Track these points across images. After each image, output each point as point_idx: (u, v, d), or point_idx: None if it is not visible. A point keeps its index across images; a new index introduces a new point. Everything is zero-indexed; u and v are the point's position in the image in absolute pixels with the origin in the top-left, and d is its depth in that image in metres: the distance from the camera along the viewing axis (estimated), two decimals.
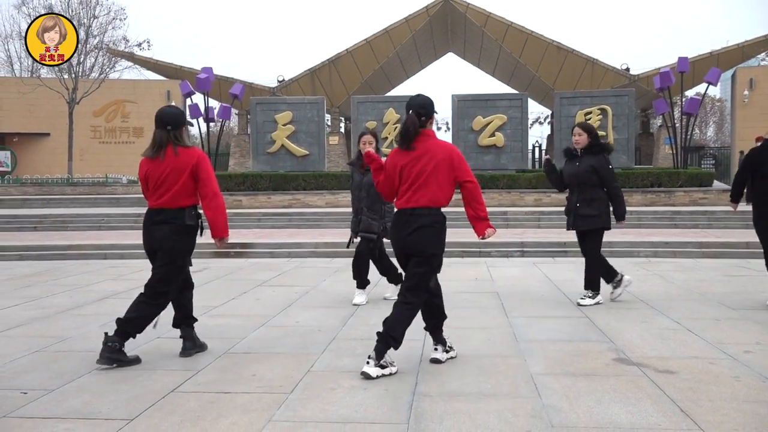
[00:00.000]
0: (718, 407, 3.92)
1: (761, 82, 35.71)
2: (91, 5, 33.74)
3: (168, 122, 5.10)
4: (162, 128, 5.10)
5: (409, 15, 37.14)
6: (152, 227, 5.16)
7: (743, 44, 35.19)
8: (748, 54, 35.98)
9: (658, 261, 11.18)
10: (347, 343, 5.59)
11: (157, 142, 5.11)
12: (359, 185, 7.41)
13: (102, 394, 4.29)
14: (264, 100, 26.04)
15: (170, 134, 5.09)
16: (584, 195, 7.15)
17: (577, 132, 7.24)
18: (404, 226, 4.80)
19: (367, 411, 3.93)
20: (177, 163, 5.04)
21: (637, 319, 6.38)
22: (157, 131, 5.13)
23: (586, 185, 7.13)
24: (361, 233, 7.40)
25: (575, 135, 7.24)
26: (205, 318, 6.70)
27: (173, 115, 5.17)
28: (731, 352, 5.18)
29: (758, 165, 6.98)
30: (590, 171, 7.07)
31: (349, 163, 7.66)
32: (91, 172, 34.65)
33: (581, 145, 7.18)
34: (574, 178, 7.19)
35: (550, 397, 4.13)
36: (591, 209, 7.10)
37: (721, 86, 61.30)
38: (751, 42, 34.97)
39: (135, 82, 38.29)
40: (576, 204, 7.19)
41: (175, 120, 5.13)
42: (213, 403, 4.10)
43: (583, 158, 7.15)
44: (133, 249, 12.98)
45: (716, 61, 32.88)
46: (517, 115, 22.54)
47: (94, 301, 7.82)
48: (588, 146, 7.16)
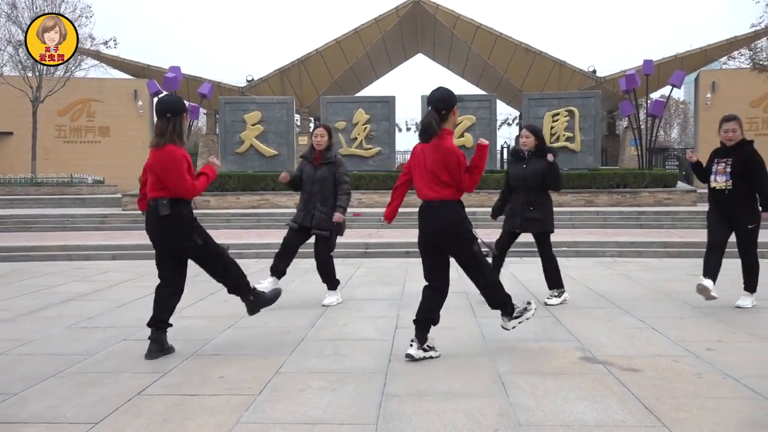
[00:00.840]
0: (681, 404, 3.99)
1: (723, 85, 36.43)
2: (57, 3, 33.17)
3: (167, 110, 5.14)
4: (162, 117, 5.15)
5: (379, 16, 37.23)
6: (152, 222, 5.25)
7: (706, 48, 35.87)
8: (710, 57, 36.67)
9: (623, 261, 11.34)
10: (316, 344, 5.58)
11: (159, 131, 5.15)
12: (312, 179, 7.32)
13: (66, 398, 4.23)
14: (233, 99, 25.87)
15: (170, 122, 5.13)
16: (530, 198, 7.20)
17: (525, 134, 7.28)
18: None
19: (336, 412, 3.92)
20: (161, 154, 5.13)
21: (603, 318, 6.46)
22: (158, 121, 5.19)
23: (533, 188, 7.19)
24: (314, 231, 7.33)
25: (523, 137, 7.29)
26: (172, 319, 6.63)
27: (172, 103, 5.23)
28: (694, 350, 5.28)
29: (709, 163, 7.17)
30: (537, 174, 7.13)
31: (302, 156, 7.58)
32: (56, 171, 34.09)
33: (528, 147, 7.23)
34: (521, 181, 7.23)
35: (518, 396, 4.16)
36: (537, 213, 7.19)
37: (685, 89, 62.20)
38: (714, 46, 35.66)
39: (101, 81, 37.75)
40: (522, 206, 7.24)
41: (174, 107, 5.18)
42: (180, 405, 4.06)
43: (531, 161, 7.21)
44: (99, 250, 12.84)
45: (680, 64, 33.50)
46: (485, 116, 22.71)
47: (58, 303, 7.70)
48: (535, 149, 7.22)
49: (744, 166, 6.90)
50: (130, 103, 38.08)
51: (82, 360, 5.14)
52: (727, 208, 7.01)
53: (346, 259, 12.01)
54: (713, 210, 7.16)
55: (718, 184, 7.02)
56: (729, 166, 6.94)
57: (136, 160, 36.91)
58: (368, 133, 23.02)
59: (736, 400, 4.05)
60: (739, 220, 6.98)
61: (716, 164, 7.05)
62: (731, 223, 7.04)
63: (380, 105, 23.33)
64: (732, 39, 34.62)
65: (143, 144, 37.90)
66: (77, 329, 6.27)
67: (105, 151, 37.47)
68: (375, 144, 23.10)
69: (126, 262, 11.97)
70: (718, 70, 38.95)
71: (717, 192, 7.05)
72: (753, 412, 3.84)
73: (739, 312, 6.82)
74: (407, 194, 5.51)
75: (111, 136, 37.92)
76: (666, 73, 29.78)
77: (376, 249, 12.70)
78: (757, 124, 35.40)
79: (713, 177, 7.06)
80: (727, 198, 6.97)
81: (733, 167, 6.91)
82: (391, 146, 23.41)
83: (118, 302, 7.68)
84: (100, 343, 5.69)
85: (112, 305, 7.49)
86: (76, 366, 4.98)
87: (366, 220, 17.60)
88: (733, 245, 7.10)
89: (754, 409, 3.89)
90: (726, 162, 6.98)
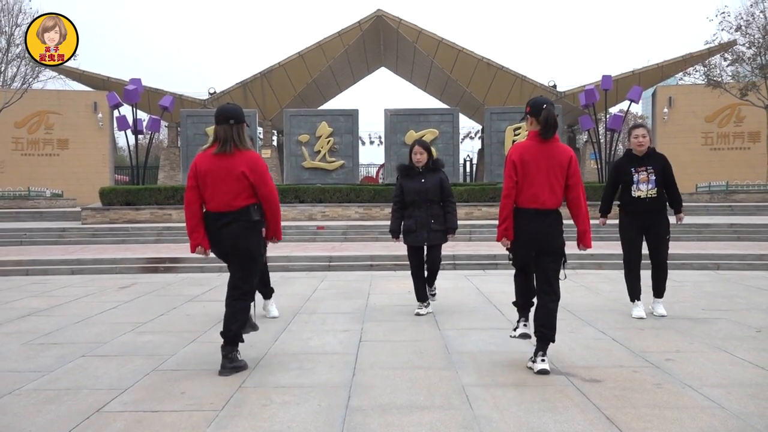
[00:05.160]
0: (642, 414, 4.05)
1: (679, 100, 37.26)
2: (14, 13, 32.65)
3: (231, 117, 5.11)
4: (225, 123, 5.09)
5: (342, 29, 37.32)
6: (221, 229, 5.13)
7: (662, 64, 36.67)
8: (667, 73, 37.48)
9: (584, 273, 11.48)
10: (279, 359, 5.54)
11: (221, 137, 5.09)
12: None
13: (24, 416, 4.13)
14: (195, 112, 25.68)
15: (233, 129, 5.08)
16: (432, 211, 7.35)
17: (419, 151, 7.41)
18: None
19: (300, 427, 3.90)
20: (234, 161, 5.06)
21: (564, 330, 6.52)
22: (220, 127, 5.11)
23: (434, 201, 7.37)
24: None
25: (417, 153, 7.40)
26: (132, 335, 6.55)
27: (235, 111, 5.19)
28: (654, 360, 5.37)
29: (622, 175, 7.35)
30: (438, 187, 7.34)
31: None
32: (12, 185, 33.38)
33: (423, 163, 7.40)
34: (423, 194, 7.31)
35: (482, 408, 4.18)
36: (439, 224, 7.37)
37: (643, 104, 63.53)
38: (670, 62, 36.47)
39: (60, 93, 37.13)
40: (427, 220, 7.32)
41: (237, 115, 5.15)
42: (140, 422, 4.00)
43: (427, 175, 7.38)
44: (58, 264, 12.59)
45: (638, 80, 34.23)
46: (448, 130, 22.88)
47: (15, 319, 7.52)
48: (428, 164, 7.41)
49: (663, 172, 7.18)
50: (89, 115, 37.50)
51: (40, 377, 5.03)
52: (646, 218, 7.24)
53: (310, 273, 11.98)
54: (630, 223, 7.34)
55: (642, 193, 7.19)
56: (653, 174, 7.16)
57: (96, 173, 36.44)
58: (332, 146, 23.03)
59: (695, 410, 4.12)
60: (659, 228, 7.28)
61: (636, 174, 7.21)
62: (647, 233, 7.31)
63: (343, 118, 23.37)
64: (687, 56, 35.45)
65: (103, 157, 37.43)
66: (34, 345, 6.13)
67: (64, 164, 36.83)
68: (338, 157, 23.11)
69: (85, 276, 11.76)
70: (675, 85, 39.82)
71: (639, 201, 7.21)
72: (711, 422, 3.92)
73: (696, 322, 6.96)
74: (367, 206, 5.57)
75: (70, 148, 37.27)
76: (624, 88, 30.40)
77: (339, 262, 12.68)
78: (711, 138, 36.23)
79: (635, 186, 7.21)
80: (649, 206, 7.19)
81: (657, 175, 7.16)
82: (355, 159, 23.44)
83: (77, 317, 7.53)
84: (59, 359, 5.57)
85: (70, 321, 7.34)
86: (33, 383, 4.87)
87: (329, 234, 17.56)
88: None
89: (712, 419, 3.97)
90: (647, 170, 7.18)
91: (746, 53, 30.86)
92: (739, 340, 6.10)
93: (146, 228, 18.54)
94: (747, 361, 5.33)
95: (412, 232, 7.38)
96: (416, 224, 7.34)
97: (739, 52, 31.14)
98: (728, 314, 7.43)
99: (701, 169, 34.75)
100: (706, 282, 10.24)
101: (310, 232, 17.67)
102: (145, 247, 15.81)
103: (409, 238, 7.44)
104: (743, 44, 30.82)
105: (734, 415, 4.03)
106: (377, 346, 5.93)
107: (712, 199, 28.70)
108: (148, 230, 18.18)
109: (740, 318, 7.19)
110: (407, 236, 7.44)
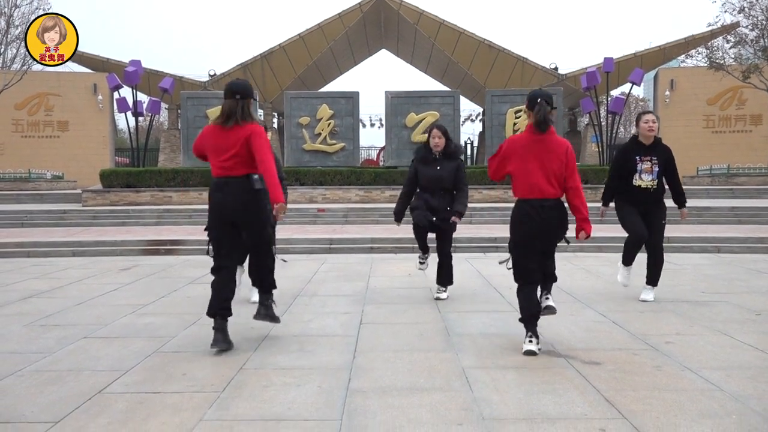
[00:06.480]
0: (641, 396, 4.07)
1: (681, 83, 37.11)
2: None
3: (237, 91, 5.21)
4: (231, 98, 5.21)
5: (342, 11, 37.10)
6: (225, 197, 5.26)
7: (665, 46, 36.47)
8: (669, 55, 37.28)
9: (584, 255, 11.50)
10: (280, 341, 5.56)
11: (226, 111, 5.21)
12: None
13: (26, 397, 4.15)
14: (195, 94, 25.60)
15: (239, 103, 5.19)
16: (446, 200, 7.10)
17: (437, 134, 7.11)
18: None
19: (301, 408, 3.92)
20: (239, 133, 5.16)
21: (564, 312, 6.54)
22: (227, 102, 5.24)
23: (448, 190, 7.13)
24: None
25: (435, 137, 7.10)
26: (133, 317, 6.57)
27: (242, 85, 5.29)
28: (653, 342, 5.38)
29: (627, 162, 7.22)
30: (453, 176, 7.08)
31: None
32: (13, 167, 33.36)
33: (440, 147, 7.11)
34: (437, 182, 7.08)
35: (482, 390, 4.20)
36: (450, 213, 7.12)
37: (644, 86, 63.30)
38: (672, 44, 36.26)
39: (59, 75, 36.95)
40: (439, 205, 7.09)
41: (244, 89, 5.25)
42: (142, 403, 4.02)
43: (443, 162, 7.10)
44: (59, 246, 12.61)
45: (640, 62, 34.02)
46: (449, 112, 22.80)
47: (16, 301, 7.54)
48: (446, 148, 7.13)
49: (666, 164, 7.10)
50: (89, 97, 37.41)
51: (41, 358, 5.05)
52: (643, 206, 7.16)
53: (311, 255, 11.99)
54: (629, 208, 7.22)
55: (643, 183, 7.09)
56: (656, 165, 7.06)
57: (96, 155, 36.39)
58: (332, 128, 22.96)
59: (694, 392, 4.14)
60: (656, 216, 7.18)
61: (641, 163, 7.09)
62: (643, 217, 7.20)
63: (344, 100, 23.29)
64: (690, 38, 35.26)
65: (103, 139, 37.38)
66: (36, 327, 6.16)
67: (64, 146, 36.79)
68: (339, 140, 23.05)
69: (86, 258, 11.78)
70: (677, 68, 39.64)
71: (641, 191, 7.11)
72: (710, 404, 3.93)
73: (696, 305, 6.97)
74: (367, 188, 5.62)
75: (70, 130, 37.21)
76: (626, 71, 30.24)
77: (340, 245, 12.69)
78: (713, 121, 36.14)
79: (638, 176, 7.10)
80: (650, 196, 7.11)
81: (659, 166, 7.07)
82: (356, 142, 23.39)
83: (78, 299, 7.55)
84: (60, 341, 5.59)
85: (71, 303, 7.36)
86: (35, 364, 4.89)
87: (330, 216, 17.57)
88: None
89: (711, 401, 3.98)
90: (651, 160, 7.07)
91: (749, 35, 30.65)
92: (739, 323, 6.11)
93: (147, 210, 18.54)
94: (746, 344, 5.34)
95: (419, 209, 7.15)
96: (426, 205, 7.13)
97: (742, 34, 30.92)
98: (728, 297, 7.45)
99: (703, 152, 34.68)
100: (707, 265, 10.26)
101: (311, 215, 17.66)
102: (145, 229, 15.83)
103: (414, 214, 7.19)
104: (746, 26, 30.58)
105: (733, 397, 4.04)
106: (378, 329, 5.95)
107: (714, 182, 28.68)
108: (148, 212, 18.19)
109: (740, 301, 7.21)
110: (413, 212, 7.24)
